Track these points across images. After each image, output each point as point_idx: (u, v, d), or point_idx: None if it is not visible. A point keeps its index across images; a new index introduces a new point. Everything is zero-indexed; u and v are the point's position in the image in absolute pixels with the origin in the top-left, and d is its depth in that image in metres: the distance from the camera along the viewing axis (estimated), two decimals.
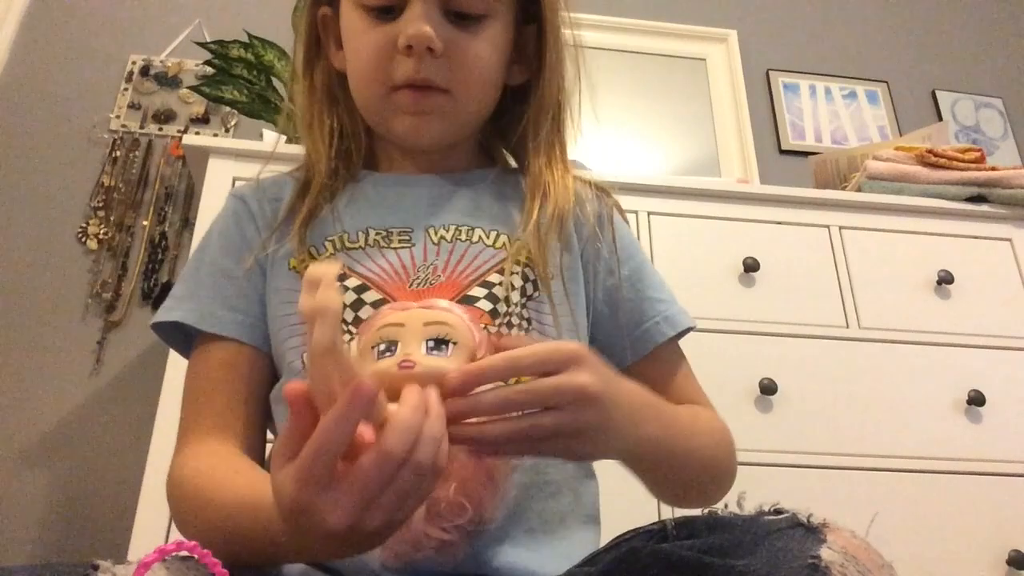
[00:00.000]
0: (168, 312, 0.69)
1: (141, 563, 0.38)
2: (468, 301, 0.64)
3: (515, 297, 0.66)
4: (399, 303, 0.55)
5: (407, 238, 0.69)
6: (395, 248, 0.69)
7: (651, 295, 0.75)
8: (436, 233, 0.70)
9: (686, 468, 0.63)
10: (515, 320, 0.65)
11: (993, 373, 1.43)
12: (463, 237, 0.70)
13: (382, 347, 0.48)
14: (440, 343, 0.48)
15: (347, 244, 0.70)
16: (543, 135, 0.75)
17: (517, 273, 0.68)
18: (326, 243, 0.70)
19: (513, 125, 0.76)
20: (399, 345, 0.48)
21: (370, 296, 0.65)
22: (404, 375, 0.46)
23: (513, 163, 0.80)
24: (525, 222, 0.71)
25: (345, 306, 0.65)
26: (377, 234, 0.70)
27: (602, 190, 0.80)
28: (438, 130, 0.72)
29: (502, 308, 0.65)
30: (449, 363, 0.47)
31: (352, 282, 0.66)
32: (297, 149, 0.80)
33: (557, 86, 0.75)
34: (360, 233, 0.70)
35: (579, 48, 0.78)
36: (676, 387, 0.73)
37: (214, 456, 0.63)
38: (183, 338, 0.70)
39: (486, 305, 0.64)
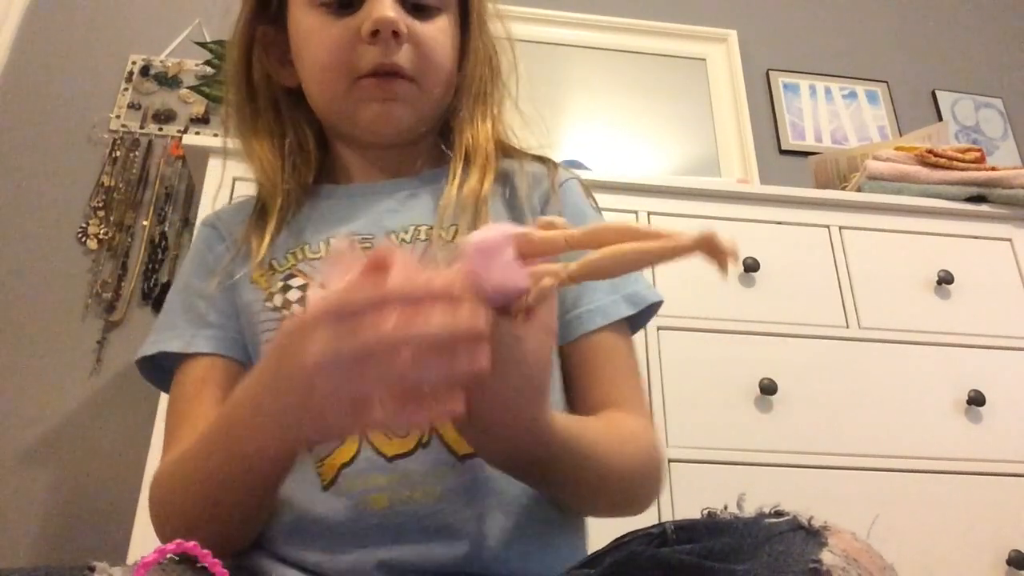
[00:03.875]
0: (151, 346, 0.70)
1: (141, 563, 0.38)
2: None
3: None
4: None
5: (368, 245, 0.70)
6: None
7: (590, 284, 0.71)
8: (397, 237, 0.70)
9: (581, 473, 0.57)
10: None
11: (993, 373, 1.43)
12: (422, 236, 0.69)
13: None
14: None
15: (308, 254, 0.70)
16: (469, 101, 0.75)
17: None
18: (287, 255, 0.70)
19: None
20: None
21: None
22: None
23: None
24: (447, 192, 0.70)
25: (292, 304, 0.66)
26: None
27: (544, 161, 0.79)
28: (404, 117, 0.72)
29: None
30: None
31: (316, 293, 0.66)
32: None
33: (484, 55, 0.76)
34: (321, 243, 0.70)
35: (512, 42, 0.80)
36: (598, 383, 0.68)
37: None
38: (164, 375, 0.71)
39: None
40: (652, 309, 0.73)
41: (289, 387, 0.44)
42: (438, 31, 0.72)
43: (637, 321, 0.72)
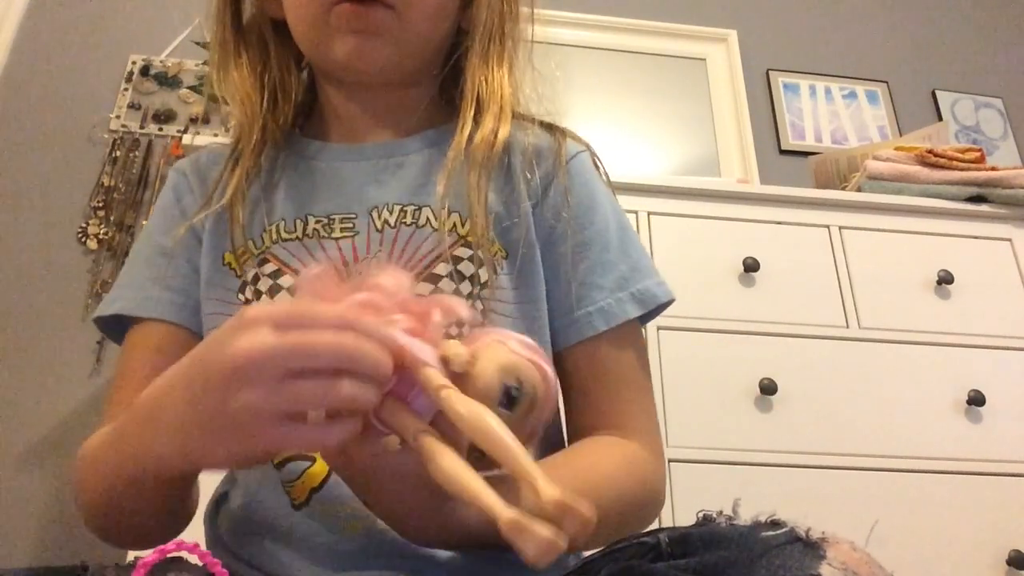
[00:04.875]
0: (109, 304, 0.67)
1: (141, 563, 0.38)
2: None
3: (465, 288, 0.61)
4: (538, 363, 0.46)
5: (350, 225, 0.64)
6: (336, 239, 0.63)
7: (593, 280, 0.65)
8: (380, 217, 0.64)
9: None
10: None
11: (993, 373, 1.42)
12: (408, 220, 0.64)
13: (508, 397, 0.44)
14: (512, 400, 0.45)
15: (283, 235, 0.65)
16: (483, 39, 0.68)
17: (465, 258, 0.61)
18: (263, 235, 0.65)
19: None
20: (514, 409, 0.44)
21: None
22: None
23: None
24: (456, 142, 0.64)
25: (262, 293, 0.62)
26: (317, 222, 0.65)
27: (552, 130, 0.72)
28: (383, 53, 0.65)
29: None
30: None
31: (287, 281, 0.62)
32: None
33: (497, 3, 0.69)
34: (298, 221, 0.65)
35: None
36: (596, 401, 0.63)
37: None
38: (123, 327, 0.67)
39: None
40: (661, 307, 0.67)
41: (203, 381, 0.41)
42: None
43: (642, 319, 0.67)
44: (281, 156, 0.70)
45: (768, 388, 1.34)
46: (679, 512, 1.24)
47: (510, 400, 0.44)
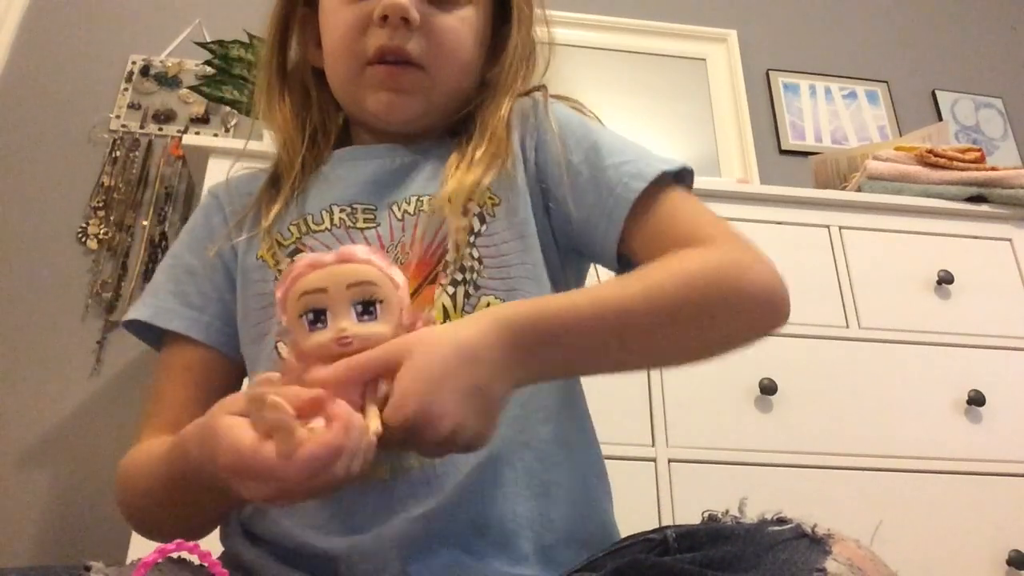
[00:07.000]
0: (133, 311, 0.72)
1: (142, 563, 0.38)
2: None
3: (464, 239, 0.65)
4: (314, 257, 0.51)
5: (372, 216, 0.69)
6: (361, 228, 0.68)
7: (610, 162, 0.69)
8: (399, 208, 0.69)
9: (647, 337, 0.58)
10: (467, 262, 0.65)
11: (993, 373, 1.42)
12: (425, 207, 0.68)
13: (310, 317, 0.49)
14: (368, 305, 0.49)
15: (312, 226, 0.69)
16: (500, 97, 0.73)
17: (464, 224, 0.66)
18: (290, 227, 0.70)
19: None
20: (328, 315, 0.49)
21: None
22: (342, 352, 0.48)
23: None
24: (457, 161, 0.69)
25: None
26: (341, 211, 0.69)
27: (535, 89, 0.78)
28: (413, 108, 0.71)
29: (450, 256, 0.65)
30: (382, 328, 0.50)
31: None
32: None
33: (519, 66, 0.76)
34: (324, 212, 0.69)
35: (551, 46, 0.81)
36: (671, 237, 0.64)
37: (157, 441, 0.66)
38: (156, 335, 0.72)
39: (458, 276, 0.64)
40: (689, 175, 0.69)
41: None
42: (458, 21, 0.71)
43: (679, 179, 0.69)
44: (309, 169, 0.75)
45: (768, 388, 1.34)
46: (679, 512, 1.24)
47: (368, 306, 0.49)
